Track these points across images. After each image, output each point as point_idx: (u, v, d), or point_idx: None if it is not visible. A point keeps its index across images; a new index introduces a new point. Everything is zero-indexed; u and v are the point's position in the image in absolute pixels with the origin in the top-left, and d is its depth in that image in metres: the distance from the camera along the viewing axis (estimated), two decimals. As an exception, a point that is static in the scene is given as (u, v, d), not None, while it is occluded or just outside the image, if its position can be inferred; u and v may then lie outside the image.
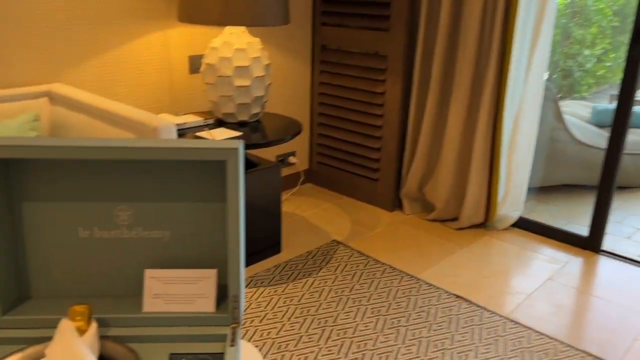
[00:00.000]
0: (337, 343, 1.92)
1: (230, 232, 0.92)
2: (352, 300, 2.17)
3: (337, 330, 1.99)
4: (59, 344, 0.83)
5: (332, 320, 2.05)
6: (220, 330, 0.94)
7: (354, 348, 1.89)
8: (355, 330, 1.99)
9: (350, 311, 2.10)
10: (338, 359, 1.84)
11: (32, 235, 0.97)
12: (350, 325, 2.02)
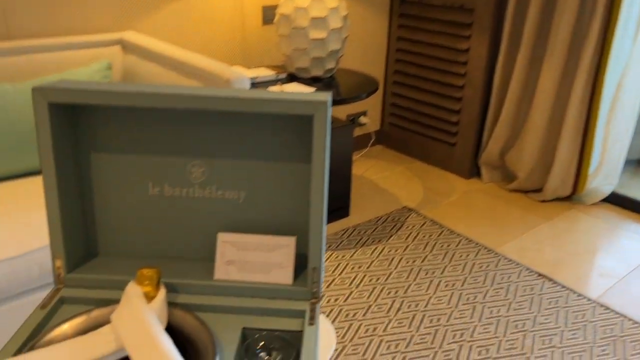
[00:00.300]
0: (408, 315, 1.81)
1: (314, 196, 0.81)
2: (425, 271, 2.05)
3: (408, 302, 1.88)
4: (125, 310, 0.76)
5: (403, 291, 1.93)
6: (297, 305, 0.84)
7: (426, 322, 1.78)
8: (428, 303, 1.87)
9: (422, 283, 1.98)
10: (409, 332, 1.73)
11: (100, 189, 0.89)
12: (422, 297, 1.90)
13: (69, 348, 0.71)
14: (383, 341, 1.69)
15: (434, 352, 1.65)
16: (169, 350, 0.70)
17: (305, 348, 0.76)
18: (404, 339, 1.70)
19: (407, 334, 1.72)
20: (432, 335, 1.73)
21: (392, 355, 1.64)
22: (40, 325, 0.80)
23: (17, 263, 1.29)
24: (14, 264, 1.29)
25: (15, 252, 1.29)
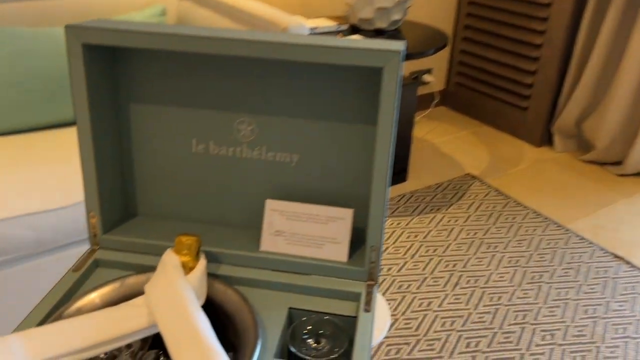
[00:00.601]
0: (466, 291, 1.69)
1: (378, 164, 0.69)
2: (487, 244, 1.91)
3: (466, 277, 1.75)
4: (159, 281, 0.68)
5: (462, 264, 1.81)
6: (352, 286, 0.74)
7: (486, 300, 1.66)
8: (489, 279, 1.75)
9: (483, 257, 1.85)
10: (466, 310, 1.62)
11: (140, 144, 0.81)
12: (483, 273, 1.77)
13: (98, 320, 0.64)
14: (438, 317, 1.59)
15: (493, 333, 1.54)
16: (204, 331, 0.61)
17: (360, 338, 0.66)
18: (461, 317, 1.59)
19: (465, 312, 1.61)
20: (491, 314, 1.60)
21: (447, 333, 1.53)
22: (72, 290, 0.73)
23: (63, 214, 1.25)
24: (61, 214, 1.25)
25: (61, 203, 1.25)
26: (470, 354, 1.47)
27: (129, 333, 0.64)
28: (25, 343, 0.60)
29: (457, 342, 1.50)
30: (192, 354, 0.59)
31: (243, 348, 0.65)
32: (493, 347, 1.49)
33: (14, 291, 1.26)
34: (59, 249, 1.29)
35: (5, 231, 1.19)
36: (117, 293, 0.72)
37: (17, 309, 1.28)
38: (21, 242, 1.22)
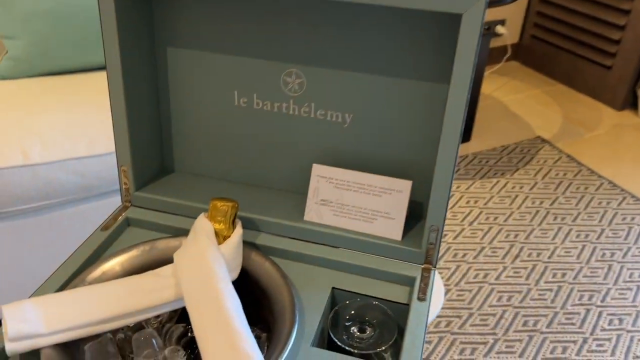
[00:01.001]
0: (527, 265, 1.57)
1: (447, 130, 0.58)
2: (553, 215, 1.76)
3: (528, 250, 1.63)
4: (190, 249, 0.61)
5: (524, 236, 1.68)
6: (405, 269, 0.65)
7: (548, 276, 1.53)
8: (553, 254, 1.61)
9: (549, 229, 1.71)
10: (526, 285, 1.50)
11: (177, 94, 0.73)
12: (547, 246, 1.64)
13: (122, 290, 0.58)
14: (494, 291, 1.48)
15: (554, 313, 1.42)
16: (233, 312, 0.54)
17: (411, 331, 0.57)
18: (519, 292, 1.48)
19: (524, 287, 1.50)
20: (553, 292, 1.48)
21: (503, 308, 1.43)
22: (100, 250, 0.68)
23: (108, 160, 1.21)
24: (105, 160, 1.21)
25: (107, 149, 1.21)
26: (527, 334, 1.36)
27: (154, 306, 0.58)
28: (42, 310, 0.54)
29: (514, 320, 1.40)
30: (218, 337, 0.52)
31: (278, 331, 0.58)
32: (553, 328, 1.38)
33: (58, 236, 1.25)
34: (103, 195, 1.26)
35: (50, 175, 1.16)
36: (147, 257, 0.66)
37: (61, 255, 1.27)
38: (66, 187, 1.19)
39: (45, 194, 1.17)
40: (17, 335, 0.52)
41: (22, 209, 1.17)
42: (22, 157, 1.13)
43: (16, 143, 1.14)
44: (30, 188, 1.15)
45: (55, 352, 0.54)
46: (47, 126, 1.19)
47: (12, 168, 1.12)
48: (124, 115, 0.68)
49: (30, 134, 1.16)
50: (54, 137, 1.18)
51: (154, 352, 0.59)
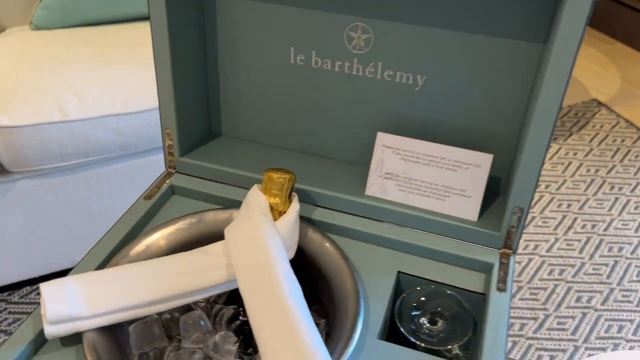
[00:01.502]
0: (581, 237, 1.48)
1: (546, 97, 0.49)
2: (609, 185, 1.65)
3: (582, 221, 1.53)
4: (243, 226, 0.55)
5: (578, 206, 1.58)
6: (481, 253, 0.58)
7: (604, 249, 1.44)
8: (609, 226, 1.52)
9: (604, 199, 1.60)
10: (579, 258, 1.42)
11: (226, 50, 0.65)
12: (602, 218, 1.54)
13: (170, 270, 0.53)
14: (545, 263, 1.40)
15: (609, 289, 1.34)
16: (293, 297, 0.48)
17: (492, 325, 0.50)
18: (572, 266, 1.40)
19: (577, 260, 1.41)
20: (609, 267, 1.40)
21: (555, 282, 1.35)
22: (144, 220, 0.62)
23: (146, 117, 1.16)
24: (143, 118, 1.15)
25: (144, 106, 1.15)
26: (581, 310, 1.29)
27: (204, 288, 0.53)
28: (84, 290, 0.49)
29: (566, 295, 1.33)
30: (277, 328, 0.47)
31: (340, 321, 0.52)
32: (608, 305, 1.30)
33: (94, 195, 1.22)
34: (140, 154, 1.21)
35: (87, 131, 1.11)
36: (194, 230, 0.61)
37: (100, 213, 1.24)
38: (103, 144, 1.14)
39: (83, 151, 1.13)
40: (57, 317, 0.47)
41: (58, 166, 1.13)
42: (58, 112, 1.08)
43: (52, 98, 1.09)
44: (67, 144, 1.11)
45: (98, 336, 0.49)
46: (83, 81, 1.13)
47: (49, 124, 1.07)
48: (169, 72, 0.61)
49: (66, 88, 1.11)
50: (90, 93, 1.12)
51: (203, 337, 0.54)
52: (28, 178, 1.14)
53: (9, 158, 1.08)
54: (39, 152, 1.09)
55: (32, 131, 1.06)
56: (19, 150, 1.08)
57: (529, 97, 0.57)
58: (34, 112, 1.06)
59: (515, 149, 0.60)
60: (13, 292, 1.29)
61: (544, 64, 0.50)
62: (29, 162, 1.10)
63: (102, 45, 1.27)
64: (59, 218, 1.22)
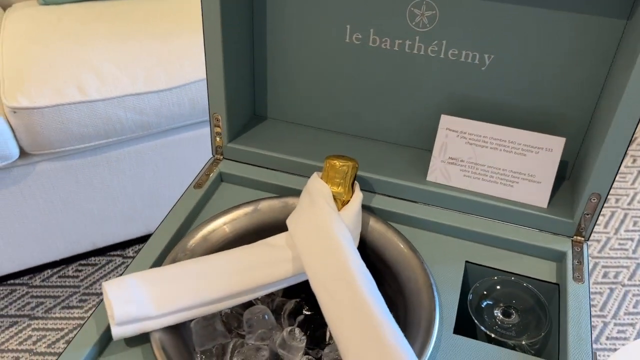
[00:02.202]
0: (605, 212, 1.47)
1: (635, 78, 0.46)
2: (632, 157, 1.63)
3: (606, 195, 1.51)
4: (308, 217, 0.52)
5: (601, 179, 1.56)
6: (551, 241, 0.56)
7: (629, 224, 1.43)
8: (633, 200, 1.50)
9: (627, 172, 1.59)
10: (604, 233, 1.41)
11: (277, 28, 0.61)
12: (626, 192, 1.53)
13: (235, 263, 0.50)
14: (570, 239, 1.39)
15: (636, 264, 1.33)
16: (371, 296, 0.46)
17: (574, 318, 0.48)
18: (598, 241, 1.39)
19: (602, 235, 1.40)
20: (634, 242, 1.39)
21: (581, 258, 1.34)
22: (195, 210, 0.60)
23: (167, 96, 1.12)
24: (164, 97, 1.11)
25: (165, 84, 1.11)
26: (608, 286, 1.28)
27: (271, 282, 0.51)
28: (148, 289, 0.47)
29: (593, 271, 1.32)
30: (357, 322, 0.44)
31: (414, 316, 0.50)
32: (635, 280, 1.30)
33: (116, 176, 1.18)
34: (161, 134, 1.18)
35: (109, 111, 1.07)
36: (250, 220, 0.58)
37: (120, 195, 1.21)
38: (124, 124, 1.10)
39: (103, 132, 1.09)
40: (125, 318, 0.45)
41: (78, 147, 1.10)
42: (78, 93, 1.04)
43: (70, 78, 1.05)
44: (87, 125, 1.07)
45: (165, 335, 0.47)
46: (100, 59, 1.09)
47: (70, 104, 1.03)
48: (220, 54, 0.57)
49: (84, 67, 1.07)
50: (110, 71, 1.08)
51: (269, 332, 0.52)
52: (47, 160, 1.11)
53: (29, 140, 1.05)
54: (59, 134, 1.06)
55: (53, 112, 1.03)
56: (39, 132, 1.04)
57: (606, 78, 0.54)
58: (54, 92, 1.02)
59: (586, 132, 0.57)
60: (34, 275, 1.27)
61: (632, 42, 0.47)
62: (49, 144, 1.06)
63: (116, 21, 1.22)
64: (79, 200, 1.19)
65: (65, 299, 1.22)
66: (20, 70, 1.05)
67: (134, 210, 1.25)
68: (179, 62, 1.12)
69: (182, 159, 1.24)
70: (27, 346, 1.12)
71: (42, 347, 1.12)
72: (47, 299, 1.21)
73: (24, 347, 1.12)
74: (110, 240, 1.27)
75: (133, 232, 1.27)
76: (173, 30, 1.18)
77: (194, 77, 1.13)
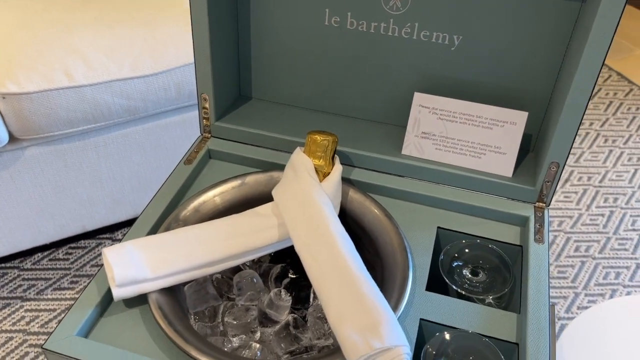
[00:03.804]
0: (578, 190, 1.53)
1: (589, 55, 0.51)
2: (604, 138, 1.70)
3: (578, 174, 1.58)
4: (292, 187, 0.56)
5: (574, 159, 1.62)
6: (516, 208, 0.61)
7: (600, 201, 1.50)
8: (604, 178, 1.57)
9: (599, 152, 1.65)
10: (577, 210, 1.47)
11: (259, 11, 0.65)
12: (598, 170, 1.59)
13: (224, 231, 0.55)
14: (544, 216, 1.45)
15: (606, 238, 1.40)
16: (349, 253, 0.51)
17: (534, 274, 0.54)
18: (570, 217, 1.45)
19: (575, 212, 1.47)
20: (605, 217, 1.45)
21: (554, 234, 1.41)
22: (186, 185, 0.63)
23: (153, 81, 1.14)
24: (150, 82, 1.14)
25: (151, 69, 1.13)
26: (580, 259, 1.35)
27: (259, 247, 0.55)
28: (145, 254, 0.51)
29: (565, 245, 1.38)
30: (337, 280, 0.49)
31: (390, 275, 0.54)
32: (605, 253, 1.36)
33: (104, 160, 1.21)
34: (149, 118, 1.20)
35: (96, 96, 1.10)
36: (237, 193, 0.62)
37: (108, 178, 1.24)
38: (112, 109, 1.13)
39: (91, 116, 1.12)
40: (124, 280, 0.49)
41: (66, 132, 1.12)
42: (66, 78, 1.06)
43: (58, 64, 1.07)
44: (75, 110, 1.09)
45: (161, 297, 0.51)
46: (87, 45, 1.11)
47: (58, 90, 1.05)
48: (207, 37, 0.61)
49: (71, 53, 1.09)
50: (97, 57, 1.10)
51: (257, 294, 0.57)
52: (36, 145, 1.13)
53: (18, 125, 1.07)
54: (47, 119, 1.08)
55: (41, 97, 1.05)
56: (27, 117, 1.06)
57: (564, 55, 0.58)
58: (42, 78, 1.05)
59: (547, 106, 0.62)
60: (25, 259, 1.29)
61: (586, 22, 0.52)
62: (38, 129, 1.09)
63: (102, 8, 1.24)
64: (68, 184, 1.21)
65: (56, 280, 1.25)
66: (8, 56, 1.07)
67: (122, 194, 1.28)
68: (164, 47, 1.15)
69: (169, 142, 1.27)
70: (21, 327, 1.15)
71: (35, 327, 1.16)
72: (38, 281, 1.24)
73: (17, 328, 1.15)
74: (99, 224, 1.29)
75: (122, 215, 1.30)
76: (158, 17, 1.21)
77: (180, 62, 1.15)
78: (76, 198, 1.23)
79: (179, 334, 0.48)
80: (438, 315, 0.52)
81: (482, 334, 0.51)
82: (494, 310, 0.53)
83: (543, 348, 0.48)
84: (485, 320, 0.52)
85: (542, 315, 0.50)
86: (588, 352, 0.73)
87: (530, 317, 0.50)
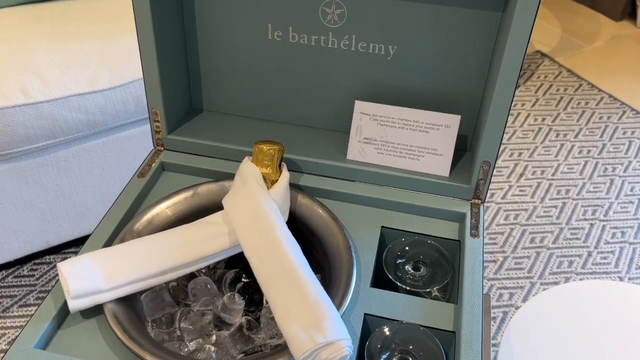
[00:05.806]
0: (532, 183, 1.59)
1: (508, 60, 0.56)
2: (555, 132, 1.77)
3: (532, 168, 1.65)
4: (240, 195, 0.59)
5: (528, 153, 1.69)
6: (454, 205, 0.65)
7: (553, 193, 1.56)
8: (556, 171, 1.64)
9: (551, 146, 1.72)
10: (531, 203, 1.53)
11: (206, 28, 0.68)
12: (550, 164, 1.66)
13: (176, 241, 0.57)
14: (501, 210, 1.51)
15: (559, 229, 1.46)
16: (294, 255, 0.54)
17: (469, 267, 0.58)
18: (525, 210, 1.51)
19: (530, 205, 1.53)
20: (558, 209, 1.52)
21: (510, 226, 1.47)
22: (140, 197, 0.66)
23: (111, 95, 1.16)
24: (108, 95, 1.16)
25: (109, 83, 1.15)
26: (535, 250, 1.41)
27: (210, 254, 0.58)
28: (99, 266, 0.53)
29: (521, 237, 1.44)
30: (284, 281, 0.52)
31: (336, 273, 0.58)
32: (559, 243, 1.43)
33: (65, 175, 1.22)
34: (108, 132, 1.22)
35: (54, 112, 1.11)
36: (190, 203, 0.65)
37: (71, 193, 1.25)
38: (70, 124, 1.14)
39: (50, 132, 1.13)
40: (79, 292, 0.51)
41: (26, 149, 1.13)
42: (22, 95, 1.07)
43: (13, 80, 1.08)
44: (34, 127, 1.10)
45: (117, 307, 0.53)
46: (43, 61, 1.12)
47: (14, 107, 1.06)
48: (154, 53, 0.63)
49: (27, 70, 1.10)
50: (52, 73, 1.11)
51: (211, 299, 0.59)
52: (-4, 163, 1.14)
53: (-25, 144, 1.07)
54: (5, 137, 1.09)
55: (-2, 116, 1.05)
56: (-15, 135, 1.07)
57: (491, 61, 0.63)
58: (-2, 96, 1.05)
59: (479, 109, 0.66)
60: (-11, 277, 1.29)
61: (505, 31, 0.56)
62: (-3, 147, 1.09)
63: (57, 23, 1.25)
64: (29, 201, 1.22)
65: (22, 297, 1.25)
66: (-38, 76, 1.07)
67: (85, 208, 1.29)
68: (121, 61, 1.17)
69: (130, 154, 1.28)
70: (-13, 344, 1.15)
71: (2, 344, 1.15)
72: (3, 299, 1.24)
73: (-16, 346, 1.15)
74: (63, 238, 1.30)
75: (86, 229, 1.31)
76: (113, 30, 1.22)
77: (137, 75, 1.17)
78: (39, 214, 1.23)
79: (134, 340, 0.50)
80: (382, 310, 0.56)
81: (423, 324, 0.54)
82: (434, 302, 0.57)
83: (476, 335, 0.52)
84: (426, 312, 0.56)
85: (476, 304, 0.54)
86: (535, 337, 0.77)
87: (464, 307, 0.54)
